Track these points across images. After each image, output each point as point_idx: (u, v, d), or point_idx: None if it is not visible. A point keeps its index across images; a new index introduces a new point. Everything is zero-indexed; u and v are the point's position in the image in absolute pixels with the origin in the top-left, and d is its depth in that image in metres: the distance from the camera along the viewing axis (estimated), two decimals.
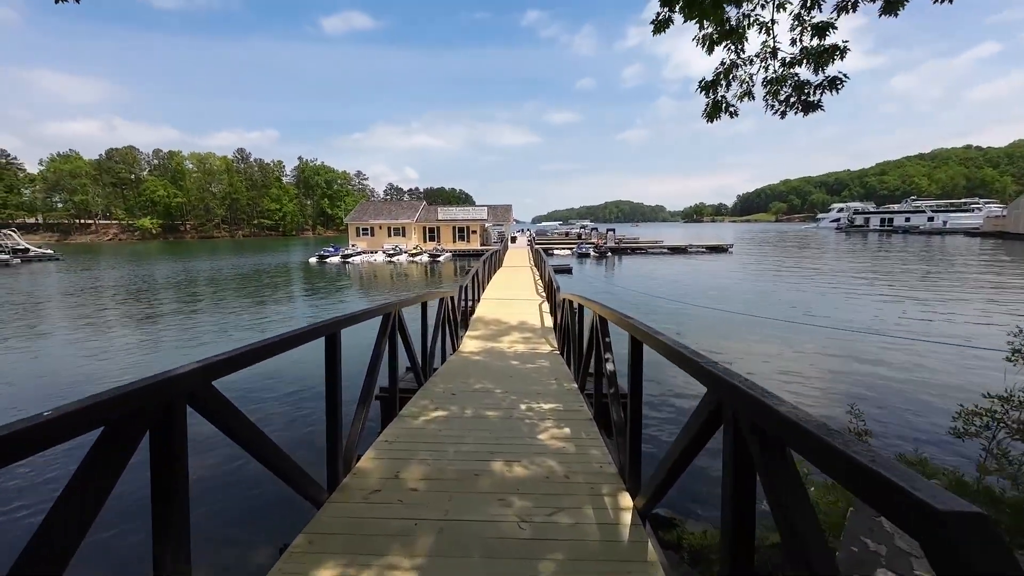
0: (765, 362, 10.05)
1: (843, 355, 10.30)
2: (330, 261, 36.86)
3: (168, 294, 21.17)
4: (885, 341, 11.19)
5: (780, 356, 10.52)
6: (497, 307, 11.65)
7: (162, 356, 11.10)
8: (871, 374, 9.08)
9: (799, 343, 11.47)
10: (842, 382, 8.76)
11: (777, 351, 10.87)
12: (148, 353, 11.37)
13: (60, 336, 13.24)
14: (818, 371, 9.48)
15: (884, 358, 10.02)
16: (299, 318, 15.65)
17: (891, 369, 9.32)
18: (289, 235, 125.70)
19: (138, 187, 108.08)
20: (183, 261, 40.92)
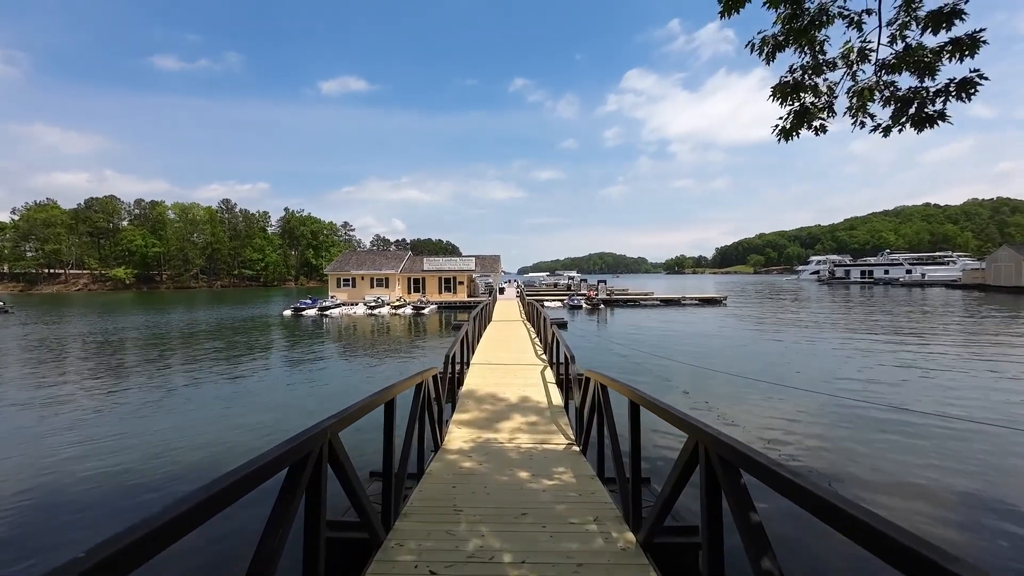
0: (815, 443, 8.22)
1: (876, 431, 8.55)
2: (306, 314, 34.52)
3: (99, 349, 18.69)
4: (925, 421, 9.50)
5: (829, 438, 8.70)
6: (491, 375, 9.72)
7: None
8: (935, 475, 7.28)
9: (841, 417, 9.70)
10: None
11: (825, 431, 9.06)
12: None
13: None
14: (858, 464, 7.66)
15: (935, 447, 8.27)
16: (243, 388, 13.40)
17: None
18: (271, 285, 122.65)
19: (115, 237, 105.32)
20: (145, 313, 38.06)
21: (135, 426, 9.58)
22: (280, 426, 9.45)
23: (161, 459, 7.88)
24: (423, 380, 4.90)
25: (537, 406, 7.48)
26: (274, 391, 12.53)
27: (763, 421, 9.51)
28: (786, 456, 7.76)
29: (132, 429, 9.37)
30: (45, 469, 7.49)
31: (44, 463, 7.72)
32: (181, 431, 9.22)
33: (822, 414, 9.90)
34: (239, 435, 9.07)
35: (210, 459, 7.89)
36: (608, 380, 4.65)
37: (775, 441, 8.42)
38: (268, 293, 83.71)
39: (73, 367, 15.93)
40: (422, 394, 4.76)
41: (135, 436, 8.97)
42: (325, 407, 10.48)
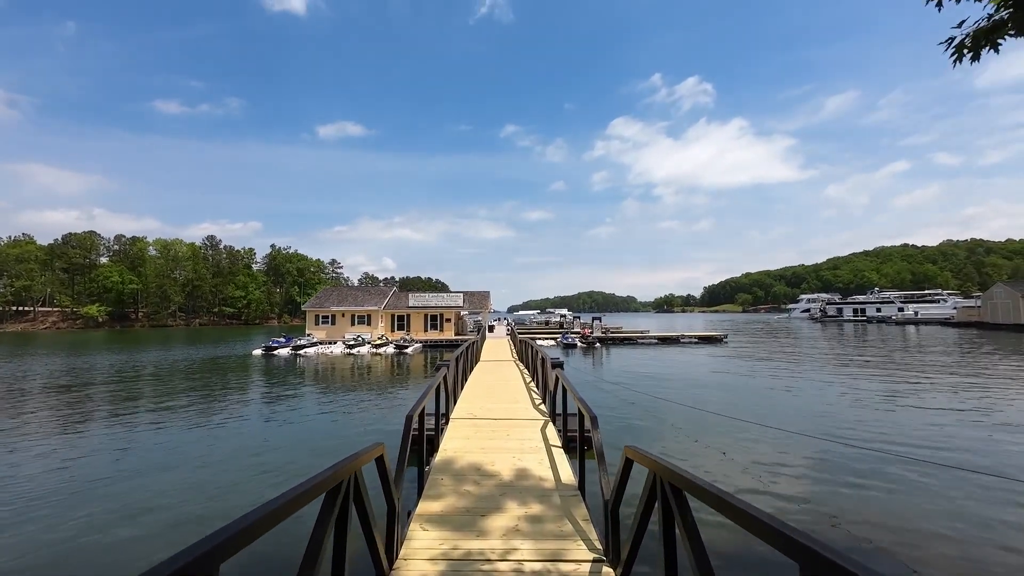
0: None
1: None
2: (278, 354, 31.78)
3: (27, 392, 16.00)
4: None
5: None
6: (477, 435, 7.57)
7: None
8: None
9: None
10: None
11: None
12: None
13: None
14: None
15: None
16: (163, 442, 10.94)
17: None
18: (252, 323, 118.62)
19: (91, 273, 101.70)
20: (102, 353, 34.95)
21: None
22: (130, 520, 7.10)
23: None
24: (347, 477, 2.83)
25: (541, 487, 5.34)
26: (177, 454, 10.11)
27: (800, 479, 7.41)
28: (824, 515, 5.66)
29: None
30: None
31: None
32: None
33: (853, 470, 7.84)
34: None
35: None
36: (678, 474, 2.64)
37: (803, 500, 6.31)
38: (248, 331, 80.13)
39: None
40: (338, 504, 2.69)
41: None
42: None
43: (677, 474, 2.61)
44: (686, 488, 2.53)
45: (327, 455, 9.46)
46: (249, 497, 7.37)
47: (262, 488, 7.73)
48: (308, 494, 2.22)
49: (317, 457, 9.39)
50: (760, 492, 7.36)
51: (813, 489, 7.52)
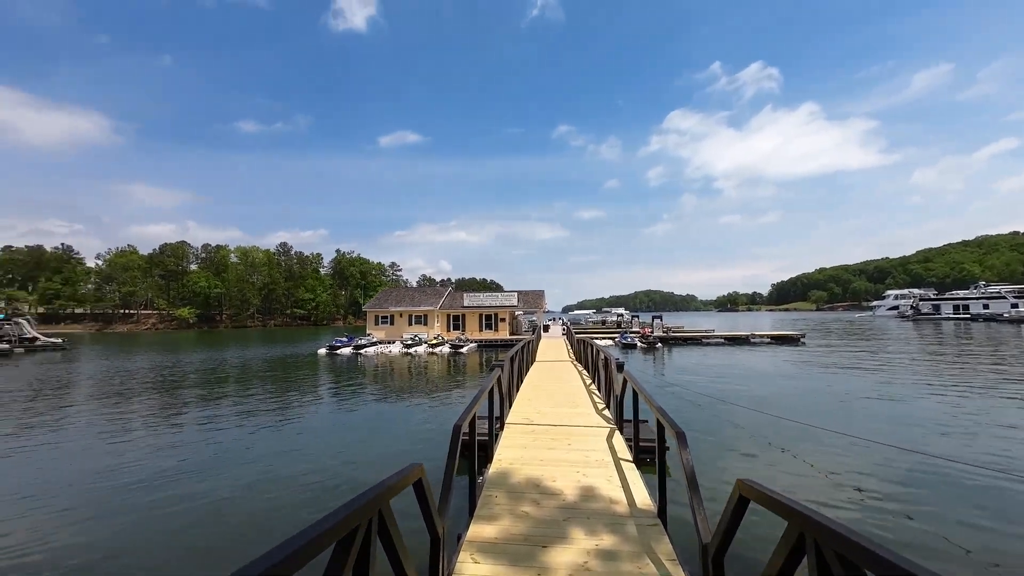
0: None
1: None
2: (341, 352, 33.01)
3: (129, 388, 17.41)
4: None
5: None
6: (534, 443, 6.87)
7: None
8: None
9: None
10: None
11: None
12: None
13: None
14: None
15: None
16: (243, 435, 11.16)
17: None
18: (320, 324, 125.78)
19: (183, 279, 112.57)
20: (191, 352, 38.18)
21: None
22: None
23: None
24: (365, 520, 2.23)
25: (612, 511, 4.54)
26: (242, 445, 10.22)
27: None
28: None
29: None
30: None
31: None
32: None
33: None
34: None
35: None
36: (852, 541, 1.77)
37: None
38: (316, 331, 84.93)
39: (79, 402, 14.55)
40: (353, 554, 2.09)
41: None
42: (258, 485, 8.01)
43: (850, 541, 1.73)
44: (867, 563, 1.65)
45: (382, 449, 9.21)
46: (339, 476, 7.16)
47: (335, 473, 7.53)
48: (308, 548, 1.62)
49: (373, 452, 9.15)
50: (887, 528, 6.06)
51: (968, 531, 6.08)
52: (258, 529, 6.30)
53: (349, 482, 7.88)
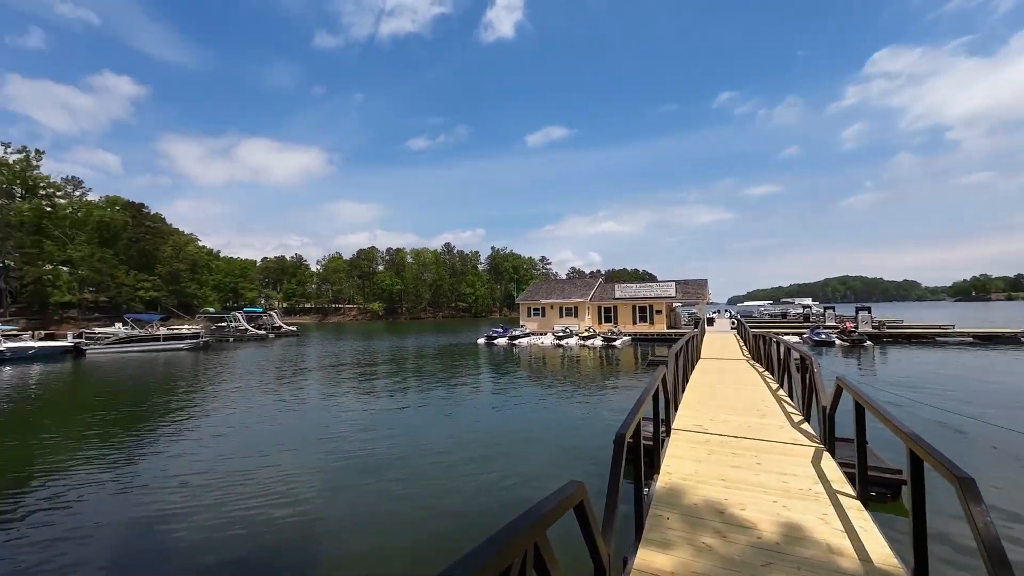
0: None
1: None
2: (498, 343, 34.99)
3: (340, 364, 21.18)
4: None
5: None
6: (710, 457, 5.67)
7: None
8: None
9: None
10: None
11: None
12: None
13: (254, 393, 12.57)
14: None
15: None
16: (435, 401, 12.18)
17: None
18: (479, 316, 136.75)
19: (373, 278, 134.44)
20: (381, 338, 45.14)
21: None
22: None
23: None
24: (518, 556, 1.68)
25: (835, 565, 3.29)
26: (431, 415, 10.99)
27: None
28: None
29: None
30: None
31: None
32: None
33: None
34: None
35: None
36: None
37: None
38: (476, 323, 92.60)
39: (308, 375, 18.15)
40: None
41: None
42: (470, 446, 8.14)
43: None
44: None
45: (541, 443, 9.02)
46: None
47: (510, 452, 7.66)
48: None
49: (532, 439, 9.02)
50: None
51: None
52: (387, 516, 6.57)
53: (509, 478, 7.83)
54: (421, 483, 7.58)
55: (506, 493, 7.11)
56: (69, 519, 6.35)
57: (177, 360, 27.60)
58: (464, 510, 6.57)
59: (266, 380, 19.08)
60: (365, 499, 7.00)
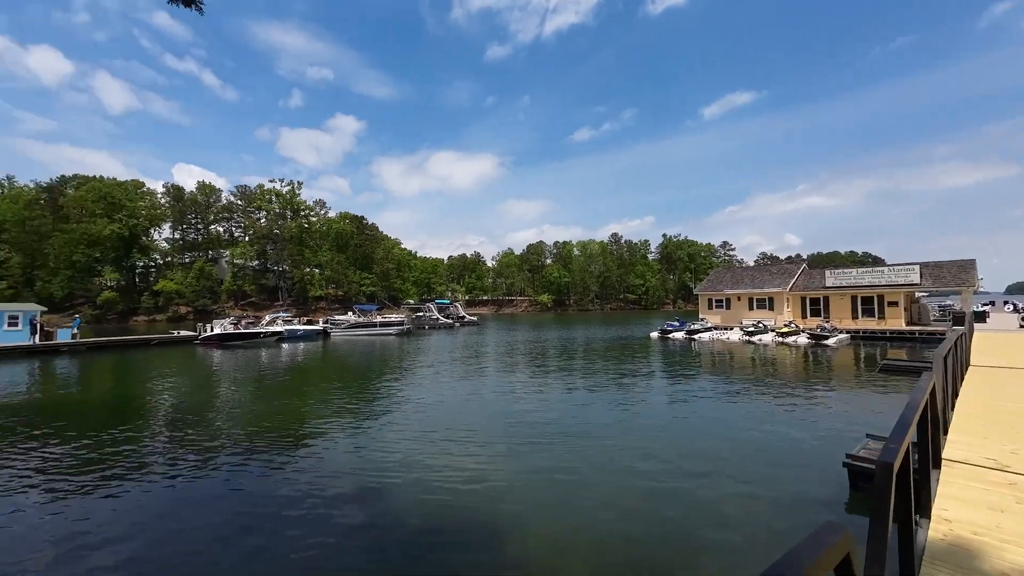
0: None
1: None
2: (673, 337, 32.27)
3: (514, 350, 22.39)
4: None
5: None
6: (1020, 507, 3.76)
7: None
8: None
9: None
10: None
11: None
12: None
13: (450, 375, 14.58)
14: None
15: None
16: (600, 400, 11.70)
17: None
18: (650, 308, 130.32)
19: (541, 271, 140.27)
20: (550, 329, 46.60)
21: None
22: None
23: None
24: None
25: None
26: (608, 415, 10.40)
27: None
28: None
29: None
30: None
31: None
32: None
33: None
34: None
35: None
36: None
37: None
38: (647, 315, 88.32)
39: (488, 361, 19.67)
40: None
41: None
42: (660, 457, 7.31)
43: None
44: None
45: (741, 461, 7.66)
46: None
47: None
48: None
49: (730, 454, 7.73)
50: None
51: None
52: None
53: (697, 491, 6.78)
54: (603, 482, 7.12)
55: (691, 507, 6.11)
56: (318, 464, 7.83)
57: (388, 343, 33.14)
58: (648, 514, 5.87)
59: (455, 364, 21.23)
60: (547, 487, 6.96)
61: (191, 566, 4.97)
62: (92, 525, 5.85)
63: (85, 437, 9.76)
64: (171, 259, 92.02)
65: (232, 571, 4.88)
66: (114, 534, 5.63)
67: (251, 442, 9.26)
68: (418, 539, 5.47)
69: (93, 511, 6.27)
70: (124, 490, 6.97)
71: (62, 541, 5.48)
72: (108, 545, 5.39)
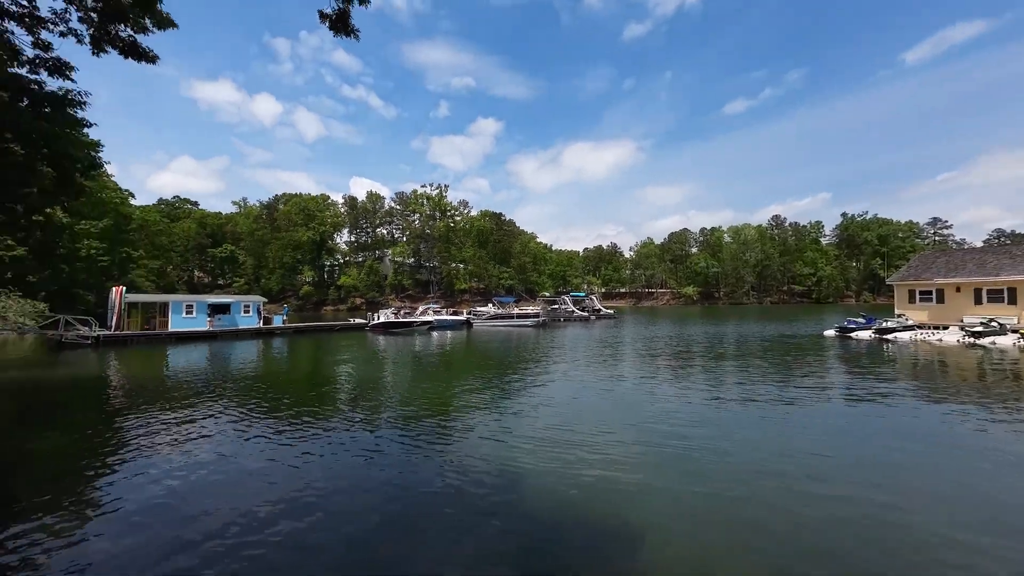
0: None
1: None
2: (857, 336, 26.44)
3: (655, 347, 20.82)
4: None
5: None
6: None
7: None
8: None
9: None
10: None
11: None
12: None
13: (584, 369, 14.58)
14: None
15: None
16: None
17: None
18: (824, 302, 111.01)
19: (686, 261, 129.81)
20: (694, 324, 42.55)
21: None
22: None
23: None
24: None
25: None
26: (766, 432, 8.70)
27: None
28: None
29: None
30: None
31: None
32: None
33: None
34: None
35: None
36: None
37: None
38: (820, 310, 75.03)
39: (636, 358, 18.69)
40: None
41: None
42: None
43: None
44: None
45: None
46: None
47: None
48: None
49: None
50: None
51: None
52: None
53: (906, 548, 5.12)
54: (756, 503, 5.89)
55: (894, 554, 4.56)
56: (459, 446, 8.13)
57: (524, 334, 34.02)
58: (816, 546, 4.57)
59: (589, 357, 20.64)
60: (688, 500, 6.04)
61: (332, 519, 5.42)
62: (275, 470, 6.90)
63: (287, 397, 11.88)
64: (348, 259, 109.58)
65: (372, 533, 5.18)
66: (286, 481, 6.53)
67: (403, 418, 10.11)
68: (539, 532, 5.15)
69: (283, 457, 7.42)
70: (305, 445, 8.11)
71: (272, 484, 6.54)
72: (277, 490, 6.24)
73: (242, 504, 6.05)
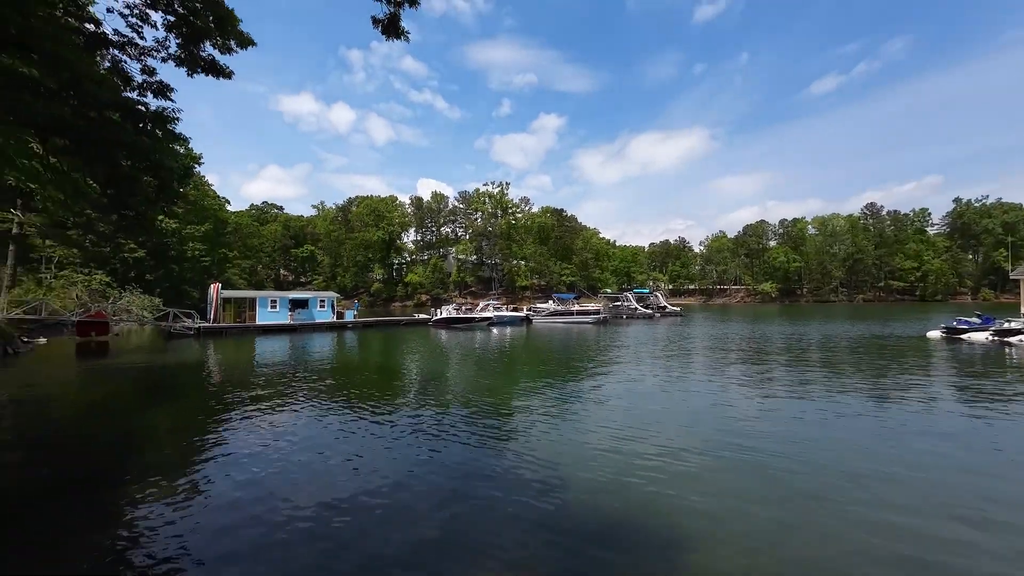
0: None
1: None
2: (968, 338, 23.00)
3: (725, 348, 19.55)
4: None
5: None
6: None
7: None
8: None
9: None
10: None
11: None
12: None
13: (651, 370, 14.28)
14: None
15: None
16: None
17: None
18: (930, 299, 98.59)
19: (763, 256, 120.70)
20: (771, 323, 39.40)
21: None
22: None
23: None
24: None
25: None
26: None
27: None
28: None
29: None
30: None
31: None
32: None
33: None
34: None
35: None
36: None
37: None
38: (924, 309, 66.57)
39: (689, 354, 17.80)
40: None
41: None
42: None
43: None
44: None
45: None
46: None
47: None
48: None
49: None
50: None
51: None
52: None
53: None
54: (836, 517, 5.32)
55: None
56: (516, 444, 8.18)
57: (584, 331, 33.49)
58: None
59: (650, 357, 19.87)
60: (754, 513, 5.57)
61: (392, 507, 5.64)
62: (337, 452, 7.35)
63: (358, 388, 12.68)
64: (415, 257, 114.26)
65: (430, 521, 5.33)
66: (351, 462, 6.92)
67: (464, 417, 10.32)
68: (589, 550, 4.99)
69: (355, 442, 7.89)
70: (373, 439, 8.56)
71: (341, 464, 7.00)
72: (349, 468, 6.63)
73: (317, 493, 6.41)
